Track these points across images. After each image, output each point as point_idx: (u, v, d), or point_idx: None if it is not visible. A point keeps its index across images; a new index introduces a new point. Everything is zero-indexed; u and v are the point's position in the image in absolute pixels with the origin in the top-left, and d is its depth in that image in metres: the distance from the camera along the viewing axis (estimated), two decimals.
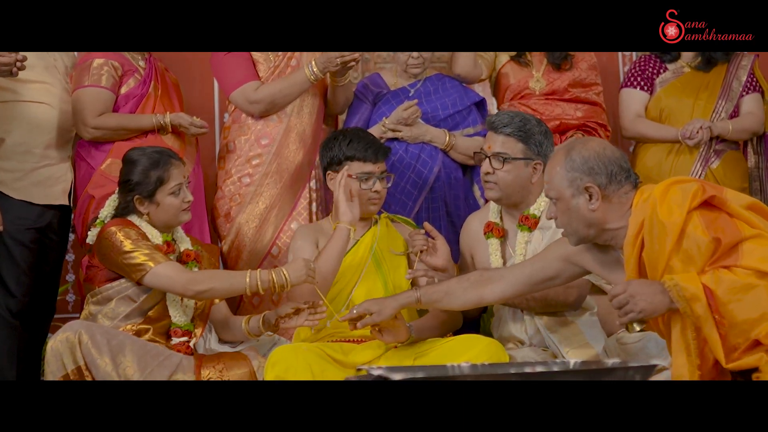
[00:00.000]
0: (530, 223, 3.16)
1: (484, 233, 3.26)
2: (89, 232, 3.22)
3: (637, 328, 2.40)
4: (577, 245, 2.64)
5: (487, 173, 3.16)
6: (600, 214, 2.53)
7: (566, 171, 2.55)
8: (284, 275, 2.96)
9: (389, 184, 3.36)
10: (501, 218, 3.27)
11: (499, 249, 3.22)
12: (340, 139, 3.31)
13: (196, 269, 3.21)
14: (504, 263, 3.19)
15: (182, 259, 3.20)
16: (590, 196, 2.53)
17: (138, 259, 3.01)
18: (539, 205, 3.17)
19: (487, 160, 3.16)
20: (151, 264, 3.00)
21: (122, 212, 3.18)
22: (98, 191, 3.43)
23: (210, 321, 3.29)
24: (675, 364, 2.42)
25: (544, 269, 2.81)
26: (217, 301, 3.26)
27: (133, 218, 3.15)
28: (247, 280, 2.97)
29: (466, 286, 2.89)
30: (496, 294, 2.86)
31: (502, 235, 3.24)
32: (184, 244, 3.26)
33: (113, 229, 3.07)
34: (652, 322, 2.52)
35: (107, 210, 3.22)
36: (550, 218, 2.64)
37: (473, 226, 3.35)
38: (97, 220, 3.21)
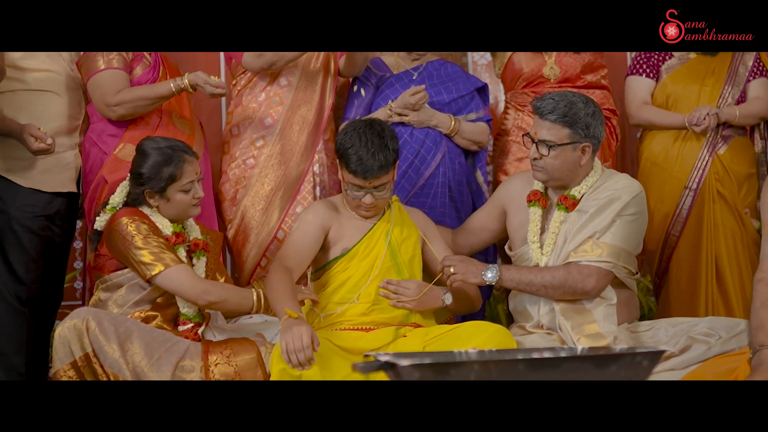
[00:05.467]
0: (568, 204, 3.14)
1: (529, 201, 3.23)
2: (98, 218, 3.22)
3: None
4: None
5: (535, 158, 3.14)
6: None
7: None
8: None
9: (386, 195, 3.14)
10: (546, 191, 3.25)
11: (540, 220, 3.19)
12: (350, 134, 3.09)
13: (204, 258, 3.22)
14: (541, 234, 3.17)
15: (191, 249, 3.21)
16: None
17: (145, 258, 3.02)
18: (581, 188, 3.15)
19: (534, 145, 3.13)
20: (158, 266, 3.01)
21: (133, 202, 3.18)
22: (112, 176, 3.41)
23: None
24: None
25: None
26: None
27: (144, 209, 3.16)
28: (255, 299, 3.09)
29: None
30: None
31: (545, 207, 3.21)
32: (194, 232, 3.26)
33: (125, 220, 3.07)
34: None
35: (119, 197, 3.22)
36: None
37: (516, 184, 3.33)
38: (108, 206, 3.21)
